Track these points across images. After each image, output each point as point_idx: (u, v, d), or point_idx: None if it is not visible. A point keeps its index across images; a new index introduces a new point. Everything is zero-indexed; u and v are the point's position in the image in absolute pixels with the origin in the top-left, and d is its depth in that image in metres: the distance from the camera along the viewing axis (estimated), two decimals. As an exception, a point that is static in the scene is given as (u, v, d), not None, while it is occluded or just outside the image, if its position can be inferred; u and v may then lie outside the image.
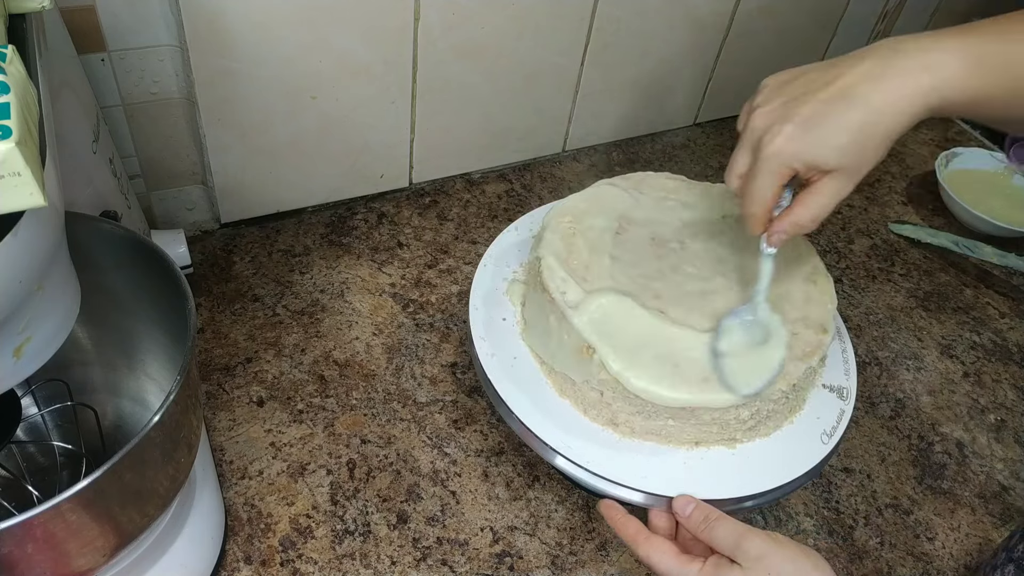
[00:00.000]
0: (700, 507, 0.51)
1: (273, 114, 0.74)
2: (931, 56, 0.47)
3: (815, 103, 0.48)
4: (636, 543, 0.51)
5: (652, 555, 0.50)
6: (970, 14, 1.15)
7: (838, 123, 0.47)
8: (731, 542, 0.47)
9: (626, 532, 0.52)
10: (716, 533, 0.49)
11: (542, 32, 0.82)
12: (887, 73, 0.47)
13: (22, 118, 0.32)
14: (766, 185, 0.50)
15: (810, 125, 0.47)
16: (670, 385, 0.53)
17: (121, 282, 0.53)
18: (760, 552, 0.46)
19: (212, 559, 0.57)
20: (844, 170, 0.48)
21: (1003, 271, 0.91)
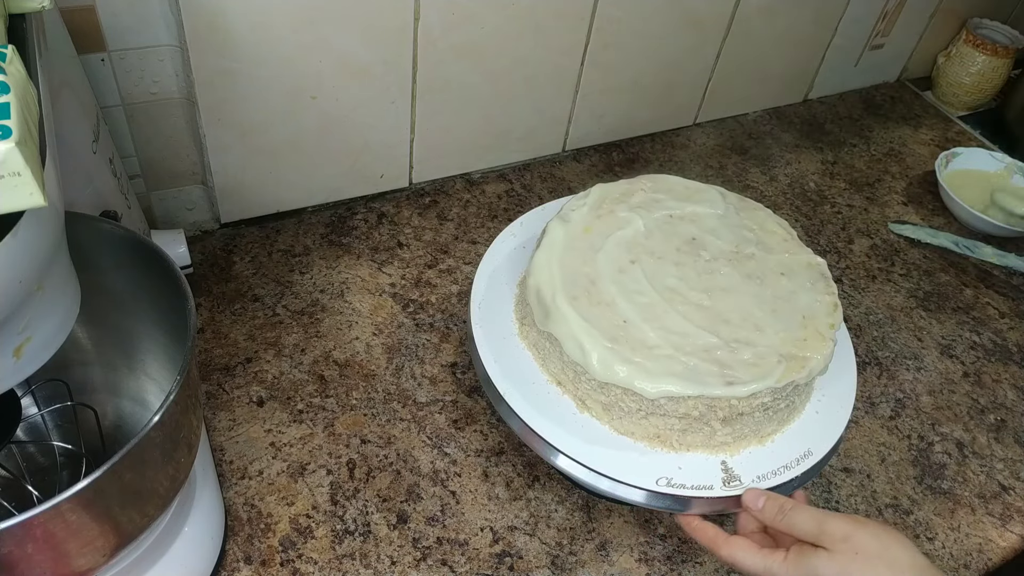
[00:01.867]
0: (772, 498, 0.52)
1: (273, 114, 0.74)
2: None
3: None
4: (716, 545, 0.51)
5: (735, 553, 0.50)
6: (969, 15, 1.15)
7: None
8: (813, 527, 0.48)
9: (705, 536, 0.52)
10: (795, 520, 0.49)
11: (542, 32, 0.82)
12: None
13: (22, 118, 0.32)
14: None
15: None
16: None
17: (121, 282, 0.53)
18: (844, 533, 0.46)
19: (212, 559, 0.57)
20: None
21: (1003, 271, 0.91)
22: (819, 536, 0.47)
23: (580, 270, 0.60)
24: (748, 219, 0.66)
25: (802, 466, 0.56)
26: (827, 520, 0.48)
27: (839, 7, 1.02)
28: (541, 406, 0.57)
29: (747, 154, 1.03)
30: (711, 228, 0.65)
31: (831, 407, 0.60)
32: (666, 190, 0.68)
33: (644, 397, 0.53)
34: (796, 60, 1.06)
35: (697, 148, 1.02)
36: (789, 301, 0.60)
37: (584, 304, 0.57)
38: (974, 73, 1.13)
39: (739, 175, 1.00)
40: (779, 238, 0.65)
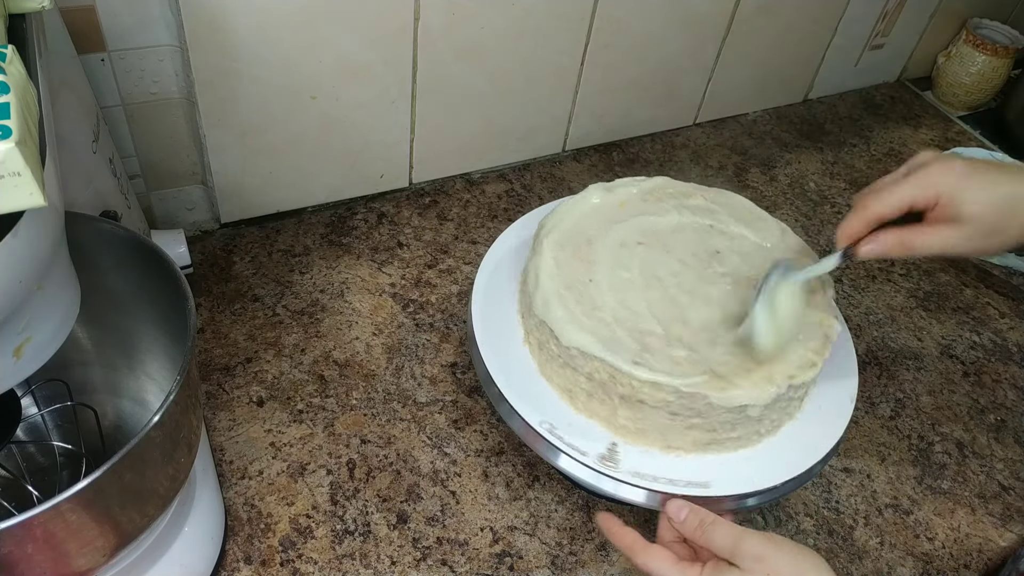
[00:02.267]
0: (695, 511, 0.51)
1: (273, 114, 0.74)
2: None
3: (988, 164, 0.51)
4: (634, 552, 0.51)
5: (650, 563, 0.50)
6: (969, 15, 1.15)
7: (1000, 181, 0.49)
8: (729, 544, 0.47)
9: (623, 542, 0.52)
10: (713, 536, 0.49)
11: (542, 32, 0.82)
12: None
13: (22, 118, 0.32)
14: (904, 193, 0.51)
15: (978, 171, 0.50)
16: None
17: (121, 282, 0.53)
18: (759, 553, 0.46)
19: (212, 559, 0.57)
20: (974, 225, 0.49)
21: (1003, 271, 0.91)
22: (734, 553, 0.47)
23: (587, 230, 0.62)
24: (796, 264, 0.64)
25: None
26: (744, 539, 0.47)
27: (839, 7, 1.02)
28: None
29: (747, 154, 1.03)
30: (745, 252, 0.63)
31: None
32: (726, 205, 0.67)
33: (560, 342, 0.55)
34: (796, 60, 1.06)
35: (697, 148, 1.02)
36: None
37: (567, 254, 0.60)
38: (974, 73, 1.13)
39: (739, 175, 1.00)
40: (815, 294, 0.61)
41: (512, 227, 0.70)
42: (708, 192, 0.68)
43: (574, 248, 0.61)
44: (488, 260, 0.67)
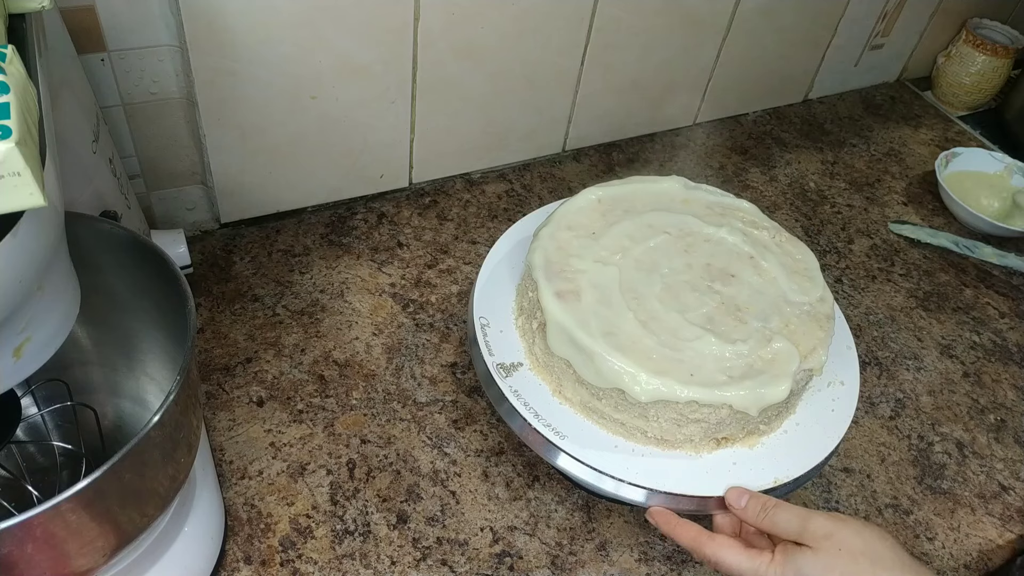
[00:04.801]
0: (755, 496, 0.51)
1: (273, 114, 0.74)
2: None
3: None
4: (700, 544, 0.50)
5: (720, 553, 0.49)
6: (969, 15, 1.15)
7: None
8: (795, 526, 0.48)
9: (687, 535, 0.51)
10: (778, 519, 0.49)
11: (542, 32, 0.82)
12: None
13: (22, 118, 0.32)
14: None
15: None
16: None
17: (121, 282, 0.53)
18: (827, 530, 0.46)
19: (212, 559, 0.57)
20: None
21: (1003, 271, 0.91)
22: (802, 534, 0.47)
23: (595, 207, 0.64)
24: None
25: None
26: (810, 518, 0.47)
27: (839, 7, 1.02)
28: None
29: (747, 154, 1.03)
30: (761, 292, 0.61)
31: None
32: (755, 224, 0.66)
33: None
34: (796, 60, 1.06)
35: (697, 148, 1.02)
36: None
37: (565, 230, 0.62)
38: (974, 73, 1.13)
39: (739, 175, 1.00)
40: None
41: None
42: (749, 211, 0.67)
43: (568, 233, 0.62)
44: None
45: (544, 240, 0.61)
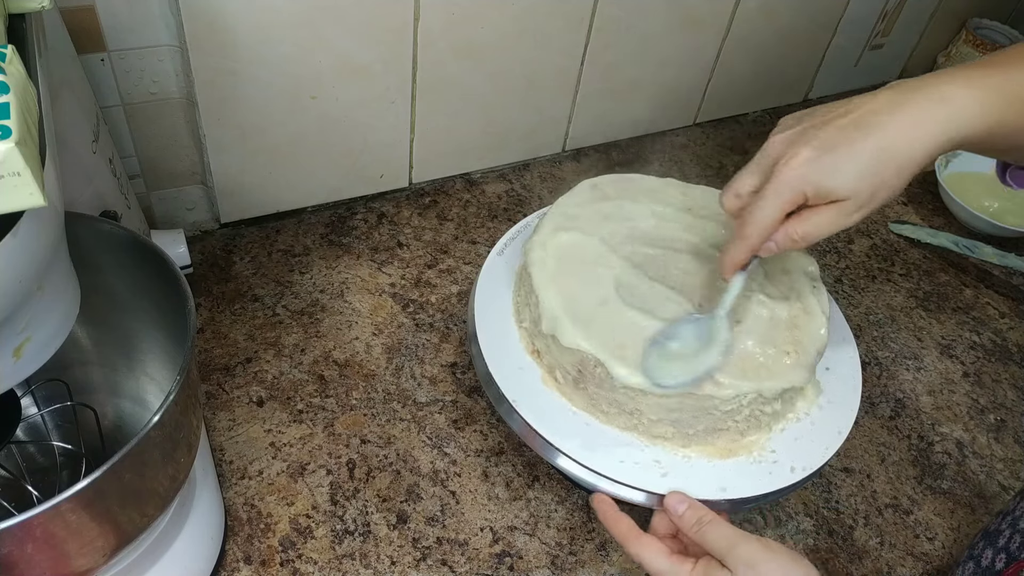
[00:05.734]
0: (694, 507, 0.51)
1: (273, 114, 0.74)
2: (946, 89, 0.47)
3: (832, 129, 0.47)
4: (627, 541, 0.51)
5: (643, 554, 0.50)
6: (968, 15, 1.15)
7: (854, 149, 0.46)
8: (723, 546, 0.47)
9: (618, 529, 0.51)
10: (708, 536, 0.48)
11: (542, 32, 0.81)
12: (903, 105, 0.47)
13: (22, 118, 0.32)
14: (773, 209, 0.48)
15: (827, 149, 0.47)
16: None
17: (121, 282, 0.53)
18: (752, 559, 0.46)
19: (212, 559, 0.57)
20: (854, 198, 0.47)
21: (1003, 271, 0.91)
22: (727, 556, 0.47)
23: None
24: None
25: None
26: (739, 543, 0.47)
27: (839, 7, 1.02)
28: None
29: (747, 154, 1.02)
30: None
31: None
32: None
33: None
34: (796, 60, 1.06)
35: (697, 148, 1.02)
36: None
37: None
38: (974, 73, 1.13)
39: (739, 175, 0.99)
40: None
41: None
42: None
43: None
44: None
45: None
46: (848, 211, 0.48)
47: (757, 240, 0.50)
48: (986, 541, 0.57)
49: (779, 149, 0.49)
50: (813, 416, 0.59)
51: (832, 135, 0.47)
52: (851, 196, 0.47)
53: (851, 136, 0.47)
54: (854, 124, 0.47)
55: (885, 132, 0.46)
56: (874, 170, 0.46)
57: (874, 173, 0.46)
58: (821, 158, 0.47)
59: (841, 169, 0.46)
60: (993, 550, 0.55)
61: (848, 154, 0.46)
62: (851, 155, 0.46)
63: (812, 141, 0.47)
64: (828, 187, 0.47)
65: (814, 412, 0.59)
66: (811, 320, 0.58)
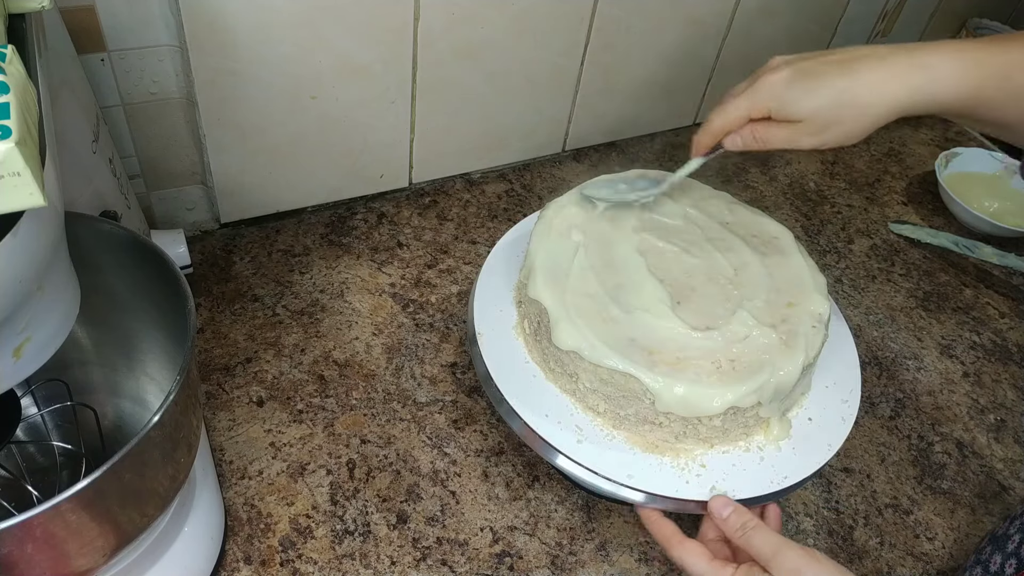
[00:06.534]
0: (738, 511, 0.51)
1: (273, 114, 0.74)
2: (928, 57, 0.50)
3: (817, 63, 0.52)
4: (670, 545, 0.51)
5: (685, 557, 0.50)
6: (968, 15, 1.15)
7: (824, 82, 0.51)
8: (768, 552, 0.48)
9: (662, 533, 0.52)
10: (753, 541, 0.49)
11: (542, 32, 0.81)
12: (884, 60, 0.51)
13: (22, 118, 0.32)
14: (739, 107, 0.55)
15: (801, 76, 0.52)
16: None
17: (121, 282, 0.53)
18: (796, 566, 0.46)
19: (212, 559, 0.57)
20: (808, 124, 0.52)
21: (1003, 271, 0.91)
22: (770, 562, 0.47)
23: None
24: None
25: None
26: (783, 549, 0.47)
27: (839, 7, 1.02)
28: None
29: (747, 154, 1.03)
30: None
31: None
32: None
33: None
34: (796, 60, 1.06)
35: (697, 148, 1.02)
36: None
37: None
38: (974, 73, 1.13)
39: (739, 175, 1.00)
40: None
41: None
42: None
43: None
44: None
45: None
46: (801, 133, 0.53)
47: (718, 127, 0.56)
48: (994, 546, 0.57)
49: (771, 65, 0.55)
50: (767, 454, 0.57)
51: (814, 66, 0.52)
52: (805, 121, 0.52)
53: (828, 71, 0.52)
54: (836, 63, 0.52)
55: (857, 78, 0.51)
56: (833, 106, 0.51)
57: (832, 109, 0.51)
58: (793, 81, 0.52)
59: (805, 96, 0.52)
60: (1002, 555, 0.55)
61: (817, 85, 0.51)
62: (819, 86, 0.51)
63: (796, 66, 0.53)
64: (788, 109, 0.53)
65: (769, 451, 0.57)
66: (787, 355, 0.55)
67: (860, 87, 0.51)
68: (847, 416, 0.59)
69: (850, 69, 0.51)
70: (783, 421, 0.58)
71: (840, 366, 0.63)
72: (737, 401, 0.53)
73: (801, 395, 0.60)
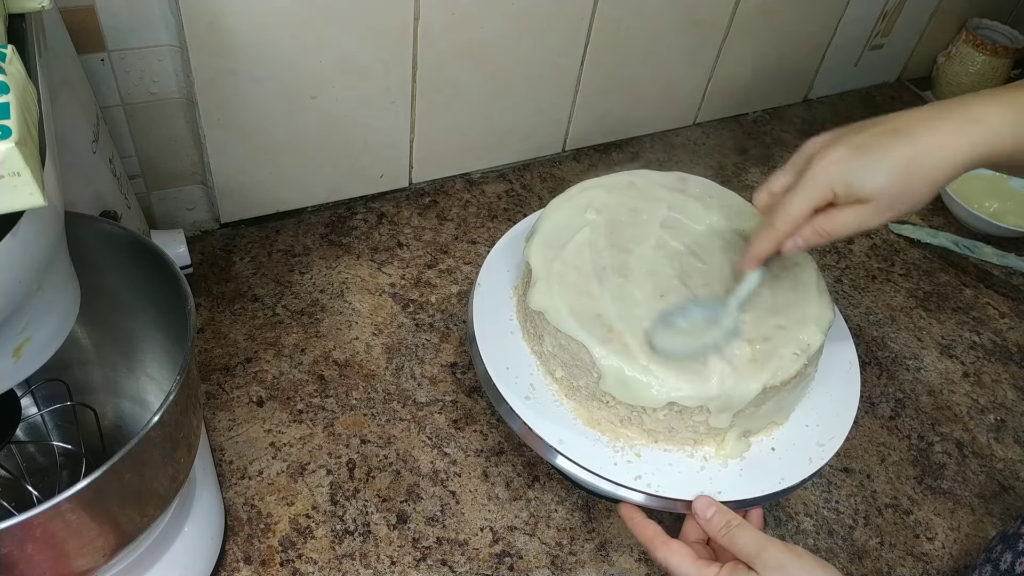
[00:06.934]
0: (721, 511, 0.51)
1: (273, 114, 0.74)
2: (979, 110, 0.49)
3: (868, 135, 0.50)
4: (654, 546, 0.51)
5: (669, 558, 0.50)
6: (968, 15, 1.15)
7: (886, 153, 0.49)
8: (752, 550, 0.48)
9: (644, 534, 0.52)
10: (737, 539, 0.49)
11: (542, 32, 0.81)
12: (937, 120, 0.49)
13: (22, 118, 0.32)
14: (804, 200, 0.50)
15: (861, 152, 0.49)
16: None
17: (121, 282, 0.53)
18: (780, 562, 0.47)
19: (212, 559, 0.57)
20: (879, 200, 0.49)
21: (1003, 271, 0.91)
22: (755, 560, 0.47)
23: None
24: None
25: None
26: (767, 546, 0.48)
27: (839, 7, 1.02)
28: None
29: (747, 154, 1.03)
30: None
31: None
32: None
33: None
34: (796, 60, 1.06)
35: (697, 148, 1.02)
36: None
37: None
38: (974, 73, 1.13)
39: (739, 175, 1.00)
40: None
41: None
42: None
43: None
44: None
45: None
46: (872, 212, 0.49)
47: (784, 231, 0.51)
48: (1005, 544, 0.57)
49: (814, 149, 0.52)
50: (710, 466, 0.56)
51: (867, 139, 0.49)
52: (877, 198, 0.49)
53: (884, 142, 0.49)
54: (890, 132, 0.49)
55: (917, 143, 0.48)
56: (902, 176, 0.48)
57: (902, 179, 0.48)
58: (854, 158, 0.49)
59: (871, 170, 0.48)
60: (1013, 553, 0.56)
61: (880, 158, 0.48)
62: (882, 159, 0.48)
63: (848, 142, 0.50)
64: (857, 186, 0.49)
65: (714, 464, 0.56)
66: (751, 371, 0.54)
67: (923, 153, 0.48)
68: (815, 458, 0.57)
69: (908, 136, 0.49)
70: (741, 441, 0.56)
71: (833, 405, 0.60)
72: (678, 398, 0.53)
73: (772, 423, 0.58)
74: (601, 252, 0.60)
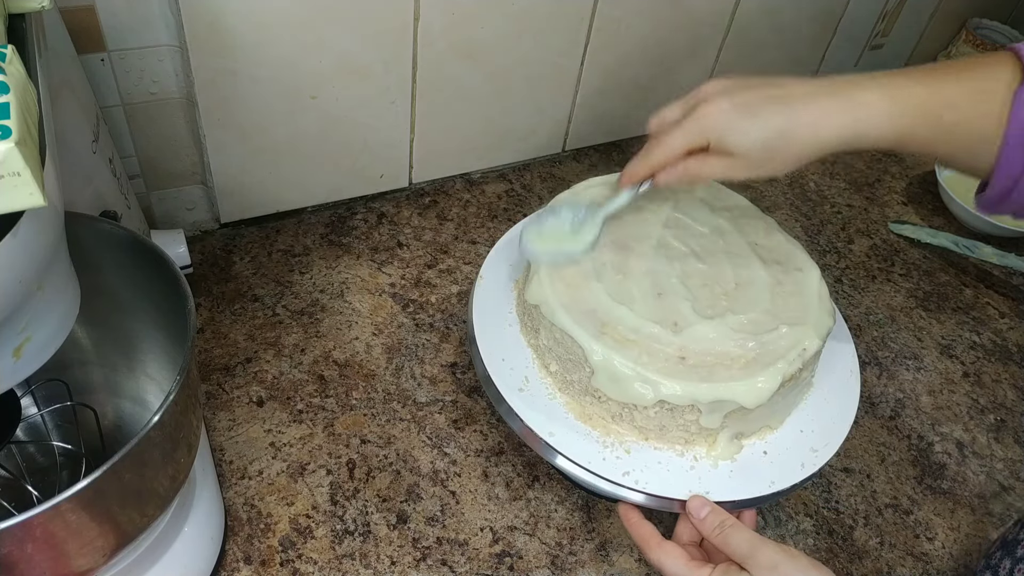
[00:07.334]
0: (715, 511, 0.51)
1: (273, 114, 0.74)
2: (861, 95, 0.51)
3: (755, 95, 0.52)
4: (648, 546, 0.51)
5: (663, 559, 0.50)
6: (968, 15, 1.15)
7: (764, 120, 0.51)
8: (745, 550, 0.48)
9: (639, 534, 0.52)
10: (730, 540, 0.49)
11: (542, 32, 0.81)
12: (824, 97, 0.52)
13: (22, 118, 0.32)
14: (680, 140, 0.54)
15: (741, 111, 0.52)
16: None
17: (121, 282, 0.53)
18: (773, 562, 0.47)
19: (212, 559, 0.57)
20: (747, 159, 0.52)
21: (1003, 271, 0.91)
22: (748, 560, 0.47)
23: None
24: None
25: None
26: (760, 547, 0.48)
27: (839, 7, 1.02)
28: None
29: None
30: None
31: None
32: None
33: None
34: (796, 60, 1.06)
35: (697, 148, 1.02)
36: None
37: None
38: (974, 73, 1.13)
39: (739, 175, 1.00)
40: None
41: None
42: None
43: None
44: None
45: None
46: (738, 167, 0.53)
47: (659, 161, 0.55)
48: (1004, 551, 0.57)
49: (708, 93, 0.54)
50: (700, 465, 0.55)
51: (751, 100, 0.52)
52: (745, 157, 0.52)
53: (766, 108, 0.52)
54: (774, 99, 0.52)
55: (795, 116, 0.51)
56: (772, 144, 0.51)
57: (771, 147, 0.51)
58: (734, 116, 0.52)
59: (746, 131, 0.51)
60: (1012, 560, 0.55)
61: (756, 122, 0.51)
62: (758, 123, 0.51)
63: (736, 97, 0.53)
64: (729, 142, 0.52)
65: (705, 464, 0.55)
66: (745, 372, 0.54)
67: (797, 126, 0.51)
68: (808, 464, 0.56)
69: (788, 107, 0.51)
70: (732, 443, 0.56)
71: (830, 412, 0.60)
72: (668, 396, 0.53)
73: (766, 427, 0.58)
74: (601, 249, 0.60)
